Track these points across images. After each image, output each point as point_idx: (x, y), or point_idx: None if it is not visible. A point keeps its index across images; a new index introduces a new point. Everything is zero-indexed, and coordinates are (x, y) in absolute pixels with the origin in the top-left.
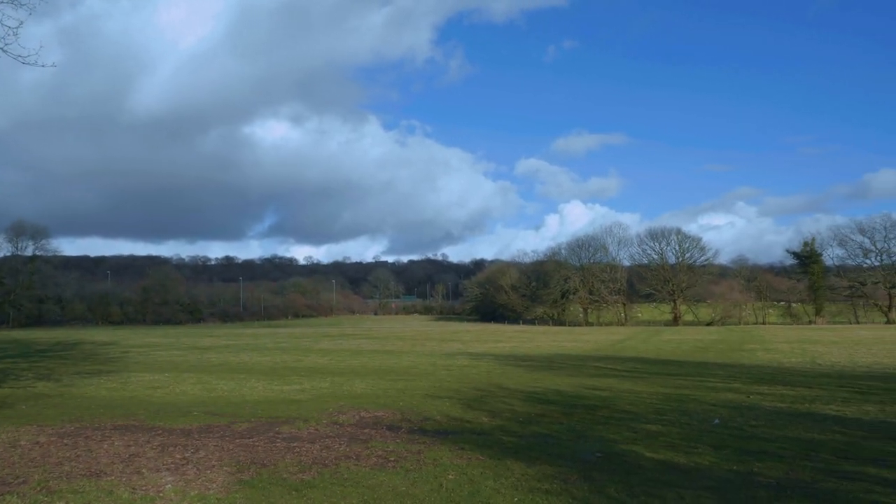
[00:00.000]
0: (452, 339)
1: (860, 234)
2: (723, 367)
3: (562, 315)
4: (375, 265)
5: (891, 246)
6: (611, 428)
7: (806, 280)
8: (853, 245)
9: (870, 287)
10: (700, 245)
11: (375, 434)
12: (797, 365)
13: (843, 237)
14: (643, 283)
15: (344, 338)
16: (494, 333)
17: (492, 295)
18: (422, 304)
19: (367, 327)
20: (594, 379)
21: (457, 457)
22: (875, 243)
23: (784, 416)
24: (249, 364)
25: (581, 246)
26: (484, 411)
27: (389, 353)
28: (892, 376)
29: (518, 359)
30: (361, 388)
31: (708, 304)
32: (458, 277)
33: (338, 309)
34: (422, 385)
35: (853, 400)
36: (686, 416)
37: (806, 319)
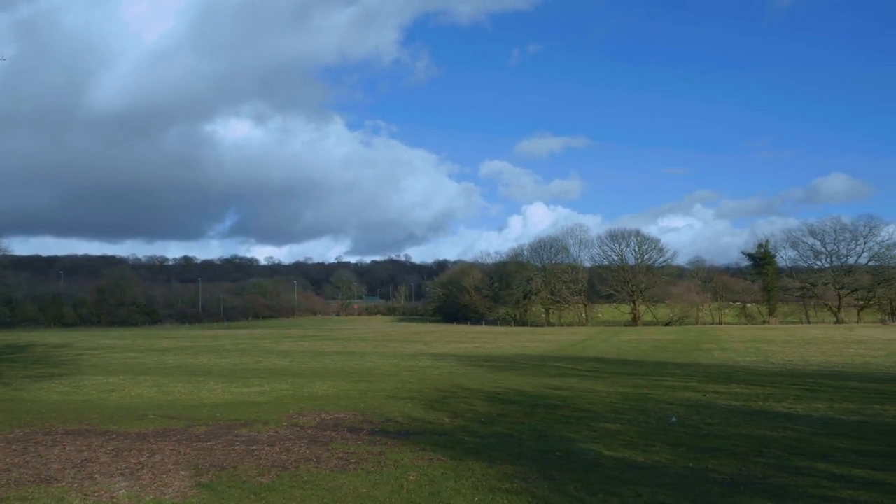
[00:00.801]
0: (415, 339)
1: (811, 237)
2: (680, 367)
3: (524, 315)
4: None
5: (840, 248)
6: (571, 427)
7: (760, 281)
8: (805, 247)
9: (820, 288)
10: (659, 246)
11: (336, 436)
12: (751, 364)
13: (796, 240)
14: (604, 284)
15: (305, 339)
16: (457, 334)
17: (455, 296)
18: (384, 305)
19: (328, 328)
20: (555, 379)
21: (418, 458)
22: (825, 246)
23: (738, 414)
24: (208, 366)
25: (543, 247)
26: (446, 412)
27: (351, 354)
28: (840, 374)
29: (480, 359)
30: (323, 390)
31: (666, 305)
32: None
33: (299, 310)
34: (384, 386)
35: (804, 397)
36: (644, 415)
37: (760, 319)
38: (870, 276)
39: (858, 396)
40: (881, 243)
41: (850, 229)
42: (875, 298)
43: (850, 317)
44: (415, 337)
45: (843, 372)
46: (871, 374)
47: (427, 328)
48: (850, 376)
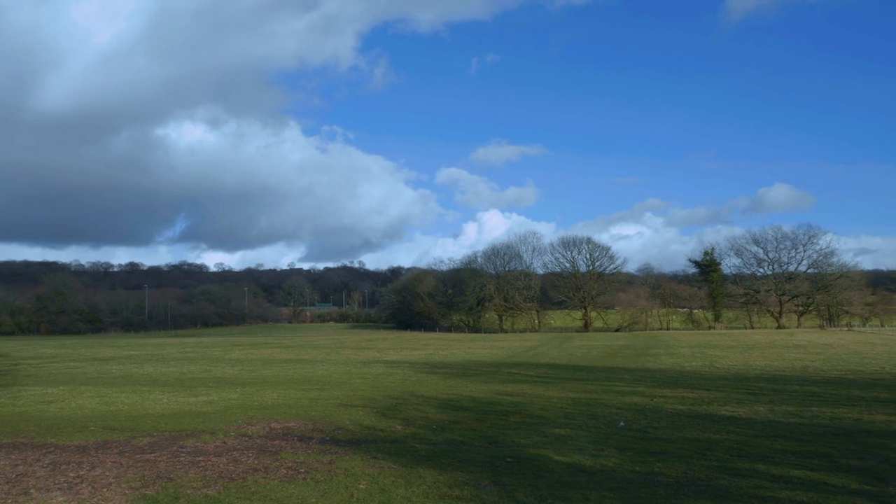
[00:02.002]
0: (368, 347)
1: (754, 245)
2: (629, 372)
3: (477, 322)
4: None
5: (781, 256)
6: (522, 433)
7: (706, 288)
8: (748, 255)
9: (763, 294)
10: (609, 254)
11: (286, 445)
12: (697, 369)
13: (740, 247)
14: (556, 291)
15: (256, 347)
16: (410, 341)
17: (408, 302)
18: (338, 312)
19: (280, 336)
20: (507, 385)
21: (369, 466)
22: (767, 253)
23: (684, 418)
24: (154, 375)
25: (497, 254)
26: (398, 419)
27: (303, 362)
28: (781, 378)
29: (433, 366)
30: (273, 399)
31: (616, 311)
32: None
33: (250, 317)
34: (335, 394)
35: (746, 401)
36: (594, 420)
37: (706, 325)
38: (809, 282)
39: (797, 399)
40: (820, 251)
41: (790, 238)
42: (814, 304)
43: (790, 322)
44: (368, 344)
45: (784, 376)
46: (810, 378)
47: (380, 335)
48: (790, 380)
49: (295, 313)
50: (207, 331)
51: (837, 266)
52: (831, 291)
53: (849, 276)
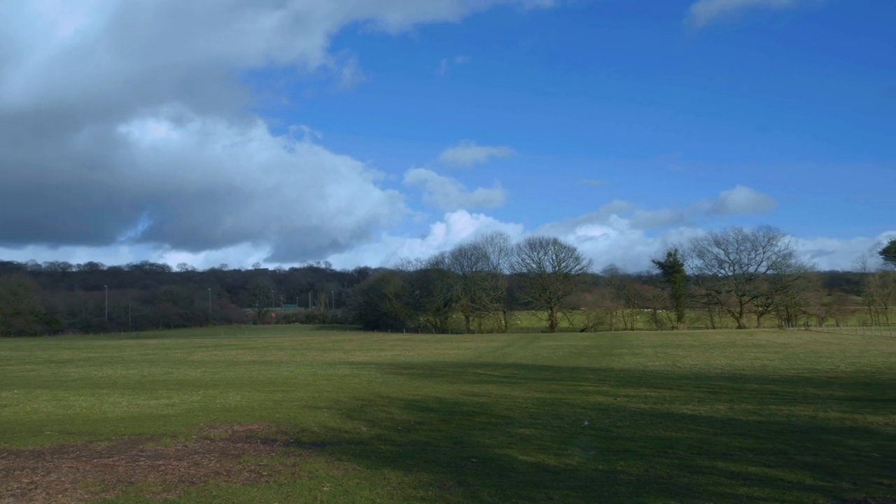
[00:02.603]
0: (334, 348)
1: (716, 247)
2: (594, 372)
3: (444, 323)
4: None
5: (742, 257)
6: (487, 433)
7: (669, 288)
8: (710, 256)
9: (724, 295)
10: (575, 255)
11: (249, 448)
12: (660, 368)
13: (702, 249)
14: (522, 292)
15: (219, 348)
16: (377, 342)
17: (375, 303)
18: (304, 313)
19: (244, 337)
20: (474, 385)
21: (333, 468)
22: (728, 255)
23: (646, 417)
24: (113, 378)
25: (464, 255)
26: (363, 421)
27: (267, 363)
28: (741, 377)
29: (400, 367)
30: (236, 401)
31: (582, 312)
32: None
33: (214, 318)
34: (300, 396)
35: (707, 399)
36: (558, 420)
37: (669, 325)
38: (768, 283)
39: (756, 398)
40: (778, 253)
41: (750, 239)
42: (773, 304)
43: (750, 322)
44: (334, 345)
45: (744, 375)
46: (769, 377)
47: (347, 336)
48: (749, 379)
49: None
50: (170, 332)
51: (795, 267)
52: (789, 292)
53: (806, 277)
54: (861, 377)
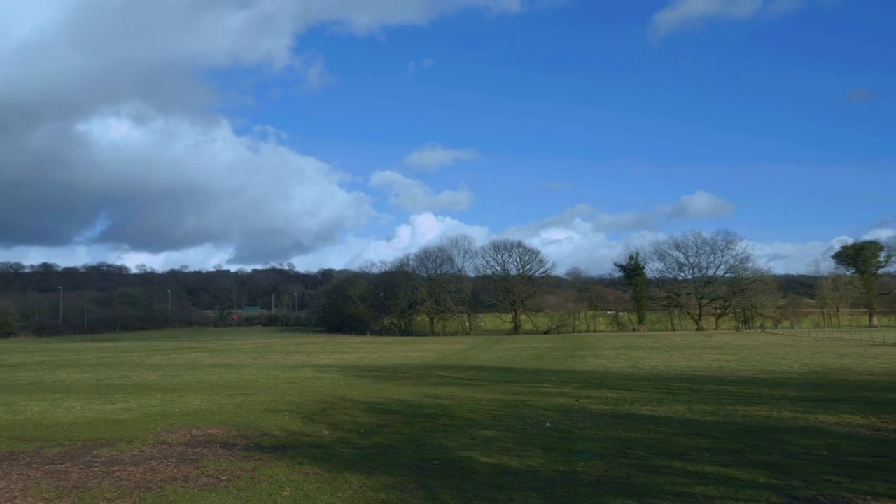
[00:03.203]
0: (297, 350)
1: (676, 250)
2: (557, 373)
3: (409, 325)
4: (217, 274)
5: (701, 261)
6: (450, 435)
7: (631, 291)
8: (670, 260)
9: (684, 297)
10: (539, 258)
11: (208, 453)
12: (621, 370)
13: (663, 252)
14: (487, 294)
15: (179, 351)
16: (341, 344)
17: (339, 305)
18: (266, 315)
19: (205, 340)
20: (437, 388)
21: (294, 472)
22: (688, 258)
23: (607, 418)
24: (67, 382)
25: (429, 257)
26: (325, 424)
27: (228, 366)
28: (699, 378)
29: (363, 370)
30: (195, 405)
31: (545, 314)
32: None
33: (174, 321)
34: (261, 399)
35: (666, 400)
36: (521, 421)
37: (631, 327)
38: (726, 286)
39: (714, 398)
40: (736, 256)
41: (709, 243)
42: (731, 307)
43: (709, 324)
44: (297, 348)
45: (702, 376)
46: (726, 378)
47: (310, 339)
48: (707, 380)
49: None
50: (127, 335)
51: (752, 271)
52: (746, 295)
53: (762, 281)
54: (813, 378)
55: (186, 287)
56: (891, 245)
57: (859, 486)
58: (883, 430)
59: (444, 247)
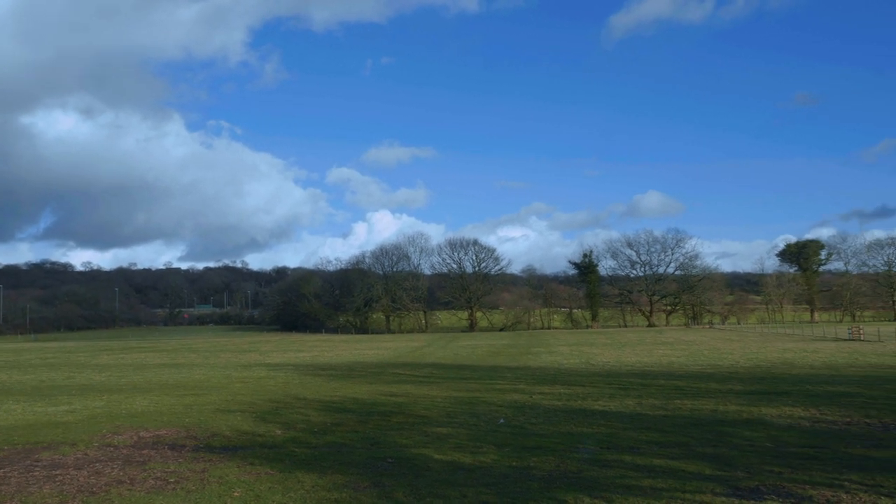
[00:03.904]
0: (250, 349)
1: (628, 248)
2: (511, 370)
3: (364, 323)
4: (167, 272)
5: (652, 259)
6: (404, 433)
7: (585, 288)
8: (623, 257)
9: (636, 294)
10: (494, 256)
11: (155, 455)
12: (575, 366)
13: (615, 250)
14: (443, 292)
15: (126, 351)
16: (295, 343)
17: (294, 303)
18: (218, 314)
19: (154, 339)
20: (392, 385)
21: (245, 473)
22: (640, 256)
23: (560, 413)
24: (7, 384)
25: (385, 255)
26: (278, 423)
27: (179, 366)
28: (649, 373)
29: (318, 368)
30: (143, 406)
31: (501, 311)
32: (258, 285)
33: (121, 320)
34: (212, 399)
35: (617, 395)
36: (475, 418)
37: (584, 324)
38: (676, 283)
39: (663, 393)
40: (686, 254)
41: (660, 242)
42: (681, 304)
43: (660, 320)
44: (250, 347)
45: (652, 371)
46: (675, 373)
47: (263, 337)
48: (657, 375)
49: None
50: (72, 335)
51: (701, 268)
52: (695, 292)
53: (711, 278)
54: (758, 372)
55: (135, 285)
56: (831, 244)
57: (799, 476)
58: (822, 421)
59: (400, 244)
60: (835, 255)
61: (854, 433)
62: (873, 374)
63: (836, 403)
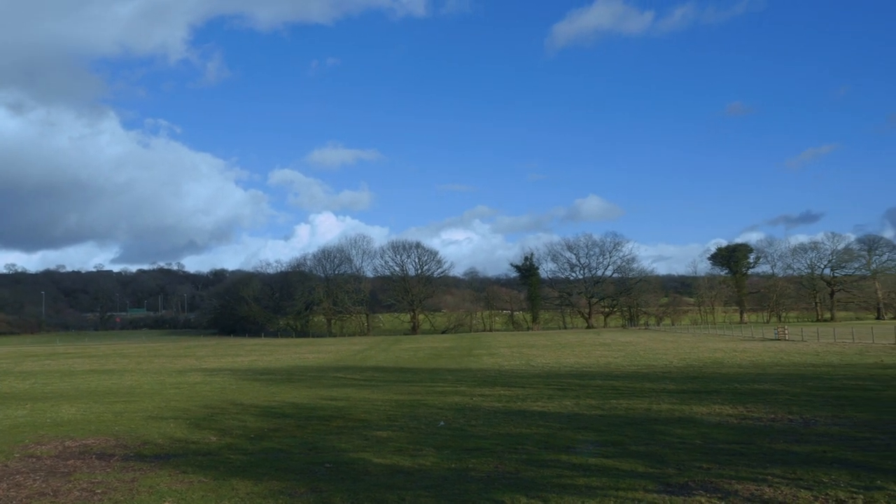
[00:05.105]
0: (186, 354)
1: (568, 251)
2: (452, 372)
3: (305, 326)
4: (98, 275)
5: (591, 262)
6: (343, 437)
7: (526, 291)
8: (563, 260)
9: (575, 297)
10: (437, 258)
11: (82, 465)
12: (515, 368)
13: (556, 253)
14: (385, 294)
15: (53, 357)
16: (233, 347)
17: (232, 307)
18: (153, 318)
19: (83, 344)
20: (332, 390)
21: (177, 482)
22: (579, 259)
23: (500, 415)
24: None
25: (327, 257)
26: (213, 430)
27: (109, 372)
28: (587, 374)
29: (256, 373)
30: (70, 414)
31: (443, 314)
32: (195, 288)
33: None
34: (144, 406)
35: (556, 396)
36: (415, 421)
37: (525, 326)
38: (614, 286)
39: (600, 393)
40: (623, 257)
41: (599, 245)
42: (618, 305)
43: (598, 322)
44: (185, 352)
45: (590, 372)
46: (612, 373)
47: (200, 342)
48: (594, 375)
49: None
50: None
51: (638, 271)
52: (632, 294)
53: (647, 280)
54: (690, 372)
55: (63, 288)
56: (759, 248)
57: (725, 472)
58: (748, 418)
59: (342, 247)
60: (762, 258)
61: (778, 429)
62: (796, 373)
63: (761, 401)
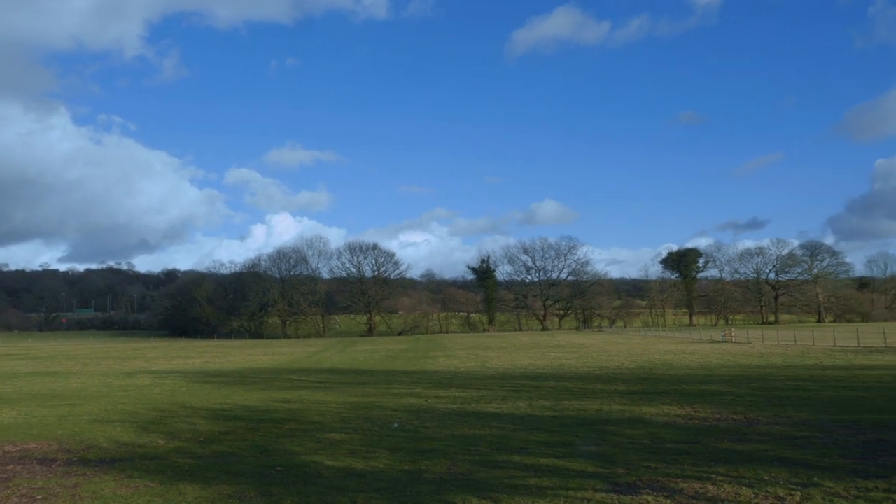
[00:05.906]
0: (134, 356)
1: (524, 254)
2: (408, 374)
3: (260, 328)
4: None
5: (547, 265)
6: (296, 440)
7: (482, 293)
8: (519, 263)
9: (531, 299)
10: (394, 260)
11: (21, 470)
12: (471, 369)
13: (512, 256)
14: (342, 296)
15: None
16: (184, 349)
17: (184, 308)
18: (101, 318)
19: (27, 346)
20: (286, 392)
21: (122, 487)
22: (535, 262)
23: (454, 416)
24: None
25: (282, 258)
26: (161, 433)
27: (54, 374)
28: (541, 375)
29: (208, 375)
30: (10, 418)
31: (400, 315)
32: (146, 289)
33: None
34: (90, 409)
35: (510, 398)
36: (369, 423)
37: (481, 328)
38: (569, 288)
39: (553, 394)
40: (578, 261)
41: (554, 248)
42: (572, 308)
43: (553, 324)
44: (134, 353)
45: (544, 373)
46: (565, 375)
47: (150, 343)
48: (548, 377)
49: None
50: None
51: (592, 274)
52: (586, 297)
53: (600, 284)
54: (641, 373)
55: (6, 287)
56: (708, 252)
57: (672, 470)
58: (695, 418)
59: (298, 247)
60: (711, 262)
61: (723, 429)
62: (741, 374)
63: (708, 401)
